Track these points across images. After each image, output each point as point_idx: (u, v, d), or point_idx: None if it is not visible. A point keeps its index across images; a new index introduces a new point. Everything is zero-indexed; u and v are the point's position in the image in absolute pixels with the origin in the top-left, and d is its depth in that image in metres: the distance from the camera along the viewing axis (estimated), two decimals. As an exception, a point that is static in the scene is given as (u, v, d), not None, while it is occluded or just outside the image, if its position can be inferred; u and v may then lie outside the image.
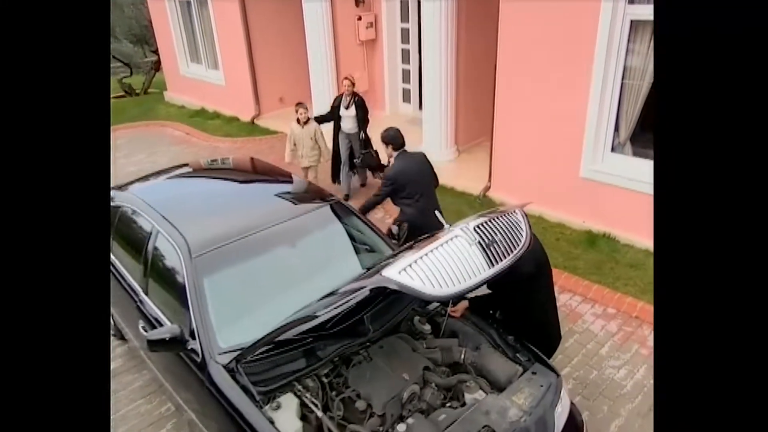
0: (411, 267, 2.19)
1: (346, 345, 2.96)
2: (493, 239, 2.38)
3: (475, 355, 3.00)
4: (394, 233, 3.94)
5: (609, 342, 4.23)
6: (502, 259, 2.35)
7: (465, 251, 2.30)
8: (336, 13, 8.53)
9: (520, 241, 2.47)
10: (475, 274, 2.25)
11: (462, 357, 3.01)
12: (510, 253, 2.40)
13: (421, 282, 2.15)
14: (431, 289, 2.15)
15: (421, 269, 2.18)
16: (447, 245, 2.31)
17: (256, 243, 3.30)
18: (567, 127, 5.56)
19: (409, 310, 3.27)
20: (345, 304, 2.59)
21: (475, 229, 2.40)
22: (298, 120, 6.17)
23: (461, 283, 2.21)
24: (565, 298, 4.75)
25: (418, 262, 2.21)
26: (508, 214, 2.62)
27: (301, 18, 8.60)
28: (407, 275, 2.17)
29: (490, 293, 3.23)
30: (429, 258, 2.24)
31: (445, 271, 2.20)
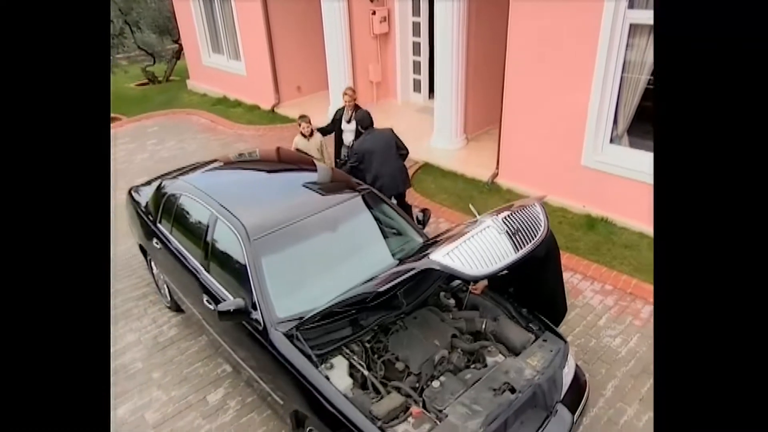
0: (453, 252, 2.66)
1: (385, 316, 3.44)
2: (518, 228, 2.86)
3: (494, 325, 3.47)
4: (419, 219, 4.36)
5: (606, 314, 4.71)
6: (525, 245, 2.83)
7: (495, 239, 2.77)
8: (352, 9, 8.83)
9: (539, 230, 2.95)
10: (504, 257, 2.74)
11: (483, 326, 3.47)
12: (531, 240, 2.87)
13: (461, 264, 2.63)
14: (470, 270, 2.62)
15: (462, 254, 2.65)
16: (481, 234, 2.78)
17: (304, 228, 3.74)
18: (570, 119, 5.91)
19: (436, 287, 3.72)
20: (398, 280, 2.98)
21: (503, 220, 2.88)
22: (302, 133, 6.03)
23: (493, 265, 2.69)
24: (567, 275, 5.16)
25: (459, 247, 2.68)
26: (529, 207, 3.09)
27: (319, 11, 8.84)
28: (449, 258, 2.64)
29: (506, 272, 3.71)
30: (467, 245, 2.71)
31: (480, 255, 2.68)
